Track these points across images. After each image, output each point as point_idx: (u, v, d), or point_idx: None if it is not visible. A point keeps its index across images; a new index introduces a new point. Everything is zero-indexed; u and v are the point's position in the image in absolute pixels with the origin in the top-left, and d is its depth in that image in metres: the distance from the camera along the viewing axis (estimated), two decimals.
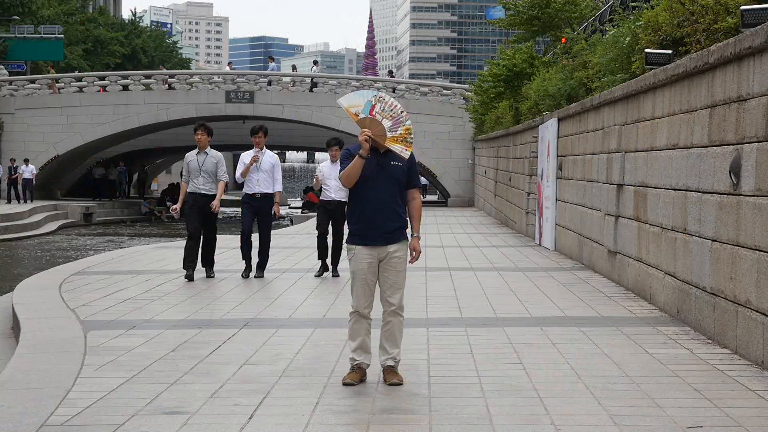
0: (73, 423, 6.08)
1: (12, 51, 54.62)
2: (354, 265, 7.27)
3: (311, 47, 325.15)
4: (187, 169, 13.92)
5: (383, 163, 7.20)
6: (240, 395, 6.81)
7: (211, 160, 13.82)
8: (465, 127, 42.63)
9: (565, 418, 6.15)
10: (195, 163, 13.81)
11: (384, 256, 7.22)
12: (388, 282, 7.24)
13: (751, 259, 7.81)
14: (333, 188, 14.19)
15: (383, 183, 7.18)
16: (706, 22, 10.07)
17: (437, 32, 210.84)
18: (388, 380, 7.11)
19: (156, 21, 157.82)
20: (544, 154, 19.69)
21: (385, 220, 7.18)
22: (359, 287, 7.24)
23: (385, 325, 7.28)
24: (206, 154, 13.85)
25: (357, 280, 7.25)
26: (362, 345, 7.27)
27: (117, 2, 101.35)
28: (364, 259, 7.21)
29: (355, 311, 7.28)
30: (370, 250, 7.18)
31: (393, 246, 7.22)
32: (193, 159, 13.87)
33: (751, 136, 7.89)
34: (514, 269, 15.39)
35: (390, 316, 7.27)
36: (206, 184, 13.74)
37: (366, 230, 7.19)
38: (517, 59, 28.99)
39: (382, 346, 7.27)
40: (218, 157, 13.92)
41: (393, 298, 7.25)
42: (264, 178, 13.96)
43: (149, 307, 11.14)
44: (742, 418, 6.12)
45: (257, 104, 45.43)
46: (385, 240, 7.21)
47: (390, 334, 7.26)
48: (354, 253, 7.26)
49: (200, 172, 13.70)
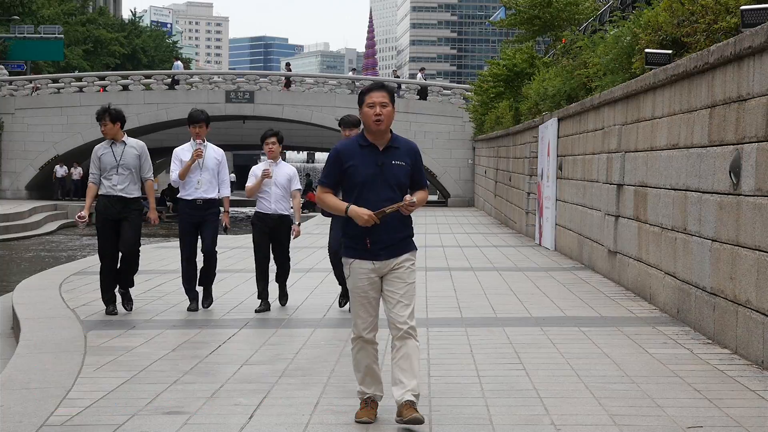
0: (73, 423, 6.08)
1: (12, 51, 54.65)
2: (352, 282, 6.08)
3: (311, 47, 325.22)
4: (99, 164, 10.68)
5: (384, 161, 6.04)
6: (240, 395, 6.81)
7: (131, 152, 10.68)
8: (465, 127, 42.65)
9: (565, 418, 6.15)
10: (110, 156, 10.64)
11: (387, 270, 6.04)
12: (395, 297, 6.01)
13: (751, 259, 7.81)
14: (274, 196, 11.02)
15: (383, 186, 6.00)
16: (706, 22, 10.08)
17: (437, 32, 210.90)
18: (406, 416, 5.81)
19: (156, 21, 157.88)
20: (544, 154, 19.69)
21: (387, 230, 6.01)
22: (359, 307, 6.06)
23: (397, 352, 5.98)
24: (124, 144, 10.72)
25: (356, 298, 6.08)
26: (370, 373, 6.10)
27: (117, 2, 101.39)
28: (363, 273, 6.03)
29: (358, 337, 6.09)
30: (371, 264, 6.02)
31: (400, 257, 6.06)
32: (106, 152, 10.68)
33: (751, 136, 7.89)
34: (514, 269, 15.38)
35: (402, 340, 5.98)
36: (123, 183, 10.56)
37: (364, 243, 6.01)
38: (517, 59, 29.01)
39: (397, 378, 5.95)
40: (140, 148, 10.74)
41: (402, 316, 5.97)
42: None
43: (149, 307, 11.14)
44: (742, 418, 6.12)
45: (257, 104, 45.48)
46: (388, 253, 6.03)
47: (405, 362, 5.94)
48: (351, 267, 6.08)
49: (117, 168, 10.56)
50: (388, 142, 6.08)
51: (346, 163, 6.03)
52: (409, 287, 6.02)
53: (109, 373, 7.55)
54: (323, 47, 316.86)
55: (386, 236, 6.00)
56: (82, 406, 6.48)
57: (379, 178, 6.00)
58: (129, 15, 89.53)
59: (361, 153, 6.05)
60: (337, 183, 6.11)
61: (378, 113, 5.99)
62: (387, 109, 6.02)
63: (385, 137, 6.07)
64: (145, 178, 10.68)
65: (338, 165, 6.06)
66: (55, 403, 6.56)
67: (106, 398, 6.72)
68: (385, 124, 6.01)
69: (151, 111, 45.14)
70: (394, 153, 6.06)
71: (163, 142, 52.65)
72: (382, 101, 6.02)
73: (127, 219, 10.51)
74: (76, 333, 9.38)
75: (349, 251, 6.08)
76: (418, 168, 6.16)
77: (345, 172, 6.04)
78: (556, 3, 27.07)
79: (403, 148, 6.11)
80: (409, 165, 6.09)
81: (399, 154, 6.07)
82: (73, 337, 9.14)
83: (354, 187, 6.02)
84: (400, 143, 6.13)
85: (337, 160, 6.07)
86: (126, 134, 10.69)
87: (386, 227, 5.98)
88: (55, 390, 6.93)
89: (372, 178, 5.99)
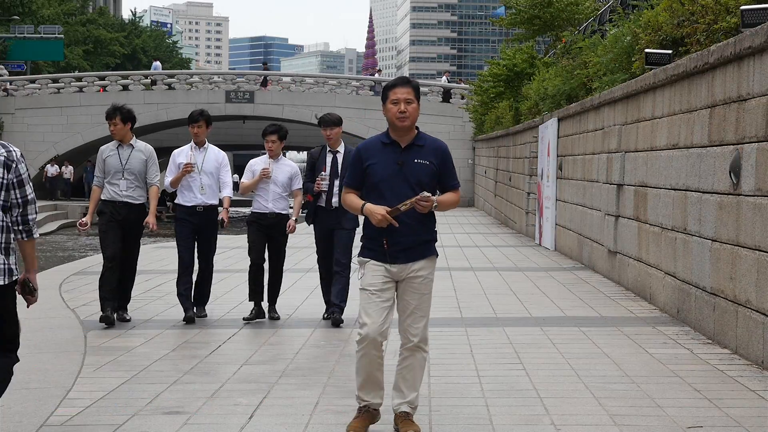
0: (73, 423, 6.09)
1: (12, 51, 54.64)
2: (366, 280, 5.79)
3: (311, 47, 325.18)
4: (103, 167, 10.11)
5: (405, 160, 5.75)
6: (240, 395, 6.81)
7: (138, 156, 10.11)
8: (465, 127, 42.67)
9: (565, 418, 6.15)
10: (115, 159, 10.07)
11: (404, 276, 5.77)
12: (409, 307, 5.78)
13: (751, 259, 7.81)
14: (272, 195, 10.30)
15: (403, 185, 5.71)
16: (706, 22, 10.08)
17: (437, 32, 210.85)
18: (402, 429, 5.72)
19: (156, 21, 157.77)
20: (544, 154, 19.69)
21: (407, 233, 5.71)
22: (370, 305, 5.71)
23: (403, 362, 5.82)
24: (132, 148, 10.15)
25: (368, 296, 5.74)
26: (371, 380, 5.78)
27: (117, 2, 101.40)
28: (378, 272, 5.76)
29: (365, 337, 5.68)
30: (388, 266, 5.76)
31: (417, 263, 5.78)
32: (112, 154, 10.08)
33: (751, 136, 7.89)
34: (514, 269, 15.38)
35: (409, 352, 5.80)
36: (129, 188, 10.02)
37: (382, 244, 5.73)
38: (517, 59, 29.02)
39: (398, 387, 5.82)
40: (148, 152, 10.18)
41: (414, 327, 5.76)
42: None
43: (149, 307, 11.14)
44: (742, 418, 6.12)
45: (257, 104, 45.50)
46: (406, 257, 5.75)
47: (409, 373, 5.80)
48: (366, 266, 5.82)
49: (122, 173, 10.02)
50: (412, 139, 5.80)
51: (366, 162, 5.79)
52: (423, 299, 5.78)
53: (109, 373, 7.55)
54: (323, 47, 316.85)
55: (405, 238, 5.71)
56: (82, 406, 6.48)
57: (399, 176, 5.72)
58: (129, 15, 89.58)
59: (382, 151, 5.80)
60: (360, 183, 5.85)
61: (402, 110, 5.73)
62: (412, 106, 5.76)
63: (409, 135, 5.80)
64: (151, 184, 10.10)
65: (359, 164, 5.83)
66: (55, 403, 6.56)
67: (106, 398, 6.72)
68: (410, 121, 5.75)
69: (151, 111, 45.14)
70: (418, 151, 5.77)
71: (162, 142, 52.58)
72: (407, 97, 5.75)
73: (129, 227, 10.01)
74: (76, 333, 9.38)
75: (366, 252, 5.83)
76: (446, 168, 5.85)
77: (365, 172, 5.79)
78: (557, 3, 27.07)
79: (429, 147, 5.81)
80: (435, 164, 5.78)
81: (423, 153, 5.77)
82: (73, 337, 9.15)
83: (374, 187, 5.76)
84: (426, 141, 5.84)
85: (358, 159, 5.84)
86: (135, 136, 10.20)
87: (406, 229, 5.69)
88: (55, 390, 6.94)
89: (391, 176, 5.72)
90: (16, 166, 5.17)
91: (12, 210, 5.23)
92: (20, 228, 5.30)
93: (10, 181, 5.15)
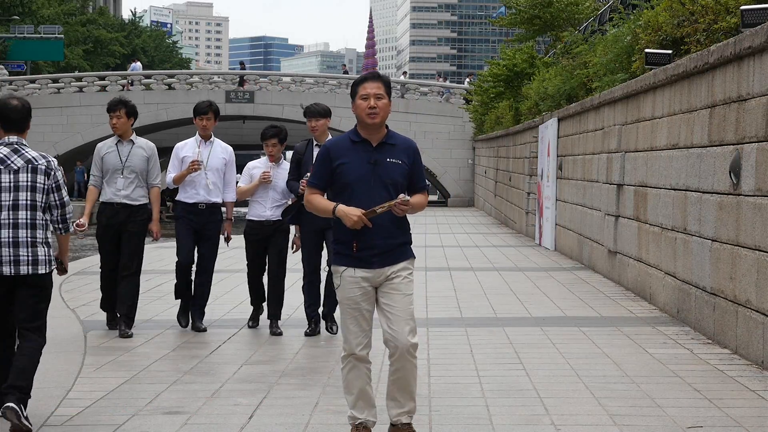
0: (73, 423, 6.09)
1: (12, 51, 54.67)
2: (342, 293, 5.46)
3: (311, 47, 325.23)
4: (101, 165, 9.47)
5: (377, 160, 5.44)
6: (240, 395, 6.82)
7: (138, 153, 9.48)
8: (465, 127, 42.67)
9: (565, 418, 6.15)
10: (114, 156, 9.42)
11: (382, 280, 5.45)
12: (393, 311, 5.40)
13: (751, 259, 7.81)
14: (271, 201, 9.55)
15: (377, 186, 5.40)
16: (706, 22, 10.08)
17: (437, 32, 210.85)
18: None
19: (156, 21, 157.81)
20: (544, 154, 19.69)
21: (381, 235, 5.40)
22: (350, 321, 5.44)
23: (395, 373, 5.45)
24: (132, 144, 9.51)
25: (347, 311, 5.46)
26: (363, 396, 5.50)
27: (117, 2, 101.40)
28: (354, 283, 5.42)
29: (349, 354, 5.45)
30: (363, 272, 5.42)
31: (395, 266, 5.47)
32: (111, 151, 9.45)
33: (751, 136, 7.89)
34: (514, 269, 15.38)
35: (400, 361, 5.40)
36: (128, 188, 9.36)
37: (355, 248, 5.40)
38: (517, 59, 29.03)
39: (393, 397, 5.51)
40: (150, 150, 9.58)
41: (400, 333, 5.37)
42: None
43: (149, 307, 11.14)
44: (742, 418, 6.12)
45: (257, 104, 45.53)
46: (382, 261, 5.42)
47: (403, 382, 5.45)
48: (341, 276, 5.47)
49: (122, 171, 9.37)
50: (383, 138, 5.49)
51: (335, 162, 5.45)
52: (405, 300, 5.41)
53: (109, 373, 7.55)
54: (323, 47, 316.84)
55: (380, 242, 5.39)
56: (82, 406, 6.48)
57: (373, 177, 5.41)
58: (129, 15, 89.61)
59: (352, 150, 5.46)
60: (327, 184, 5.52)
61: (372, 105, 5.40)
62: (382, 102, 5.44)
63: (380, 133, 5.49)
64: (152, 185, 9.42)
65: (328, 163, 5.47)
66: (55, 403, 6.56)
67: (106, 398, 6.72)
68: (380, 118, 5.43)
69: (151, 111, 45.12)
70: (390, 150, 5.47)
71: (162, 142, 52.44)
72: (377, 92, 5.44)
73: (128, 231, 9.29)
74: (76, 333, 9.39)
75: (340, 258, 5.47)
76: (417, 168, 5.54)
77: (335, 171, 5.45)
78: (557, 3, 27.09)
79: (401, 146, 5.52)
80: (407, 164, 5.48)
81: (395, 152, 5.47)
82: (73, 337, 9.15)
83: (345, 188, 5.43)
84: (397, 140, 5.54)
85: (327, 158, 5.48)
86: (135, 133, 9.54)
87: (380, 231, 5.38)
88: (55, 390, 6.93)
89: (364, 177, 5.40)
90: (54, 174, 6.19)
91: (52, 210, 6.27)
92: (59, 225, 6.37)
93: (50, 186, 6.18)
